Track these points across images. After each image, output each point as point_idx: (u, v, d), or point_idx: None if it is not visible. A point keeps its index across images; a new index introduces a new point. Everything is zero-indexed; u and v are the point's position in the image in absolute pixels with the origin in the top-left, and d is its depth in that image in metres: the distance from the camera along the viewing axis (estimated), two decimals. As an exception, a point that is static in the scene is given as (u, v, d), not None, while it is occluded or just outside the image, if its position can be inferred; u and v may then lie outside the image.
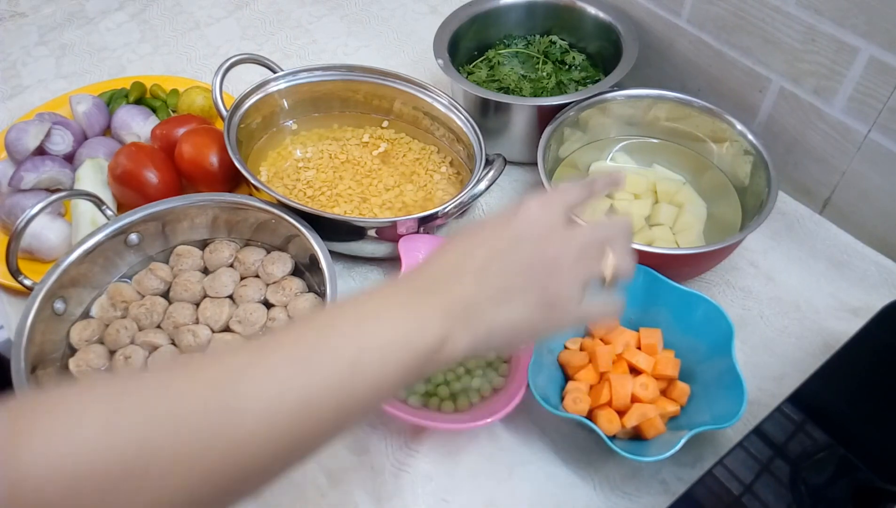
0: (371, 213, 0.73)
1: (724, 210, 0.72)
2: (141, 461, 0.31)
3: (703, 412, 0.56)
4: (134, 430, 0.31)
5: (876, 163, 0.67)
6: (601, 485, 0.56)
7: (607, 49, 0.83)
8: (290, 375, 0.35)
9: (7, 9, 1.08)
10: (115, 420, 0.31)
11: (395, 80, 0.79)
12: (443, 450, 0.58)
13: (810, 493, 0.50)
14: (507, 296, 0.41)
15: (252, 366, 0.35)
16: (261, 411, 0.34)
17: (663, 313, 0.62)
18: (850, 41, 0.64)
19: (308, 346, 0.36)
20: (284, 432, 0.34)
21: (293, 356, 0.35)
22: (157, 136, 0.78)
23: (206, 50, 1.00)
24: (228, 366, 0.35)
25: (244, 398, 0.34)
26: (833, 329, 0.65)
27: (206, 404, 0.33)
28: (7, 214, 0.73)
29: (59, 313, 0.62)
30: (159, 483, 0.31)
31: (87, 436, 0.30)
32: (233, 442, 0.33)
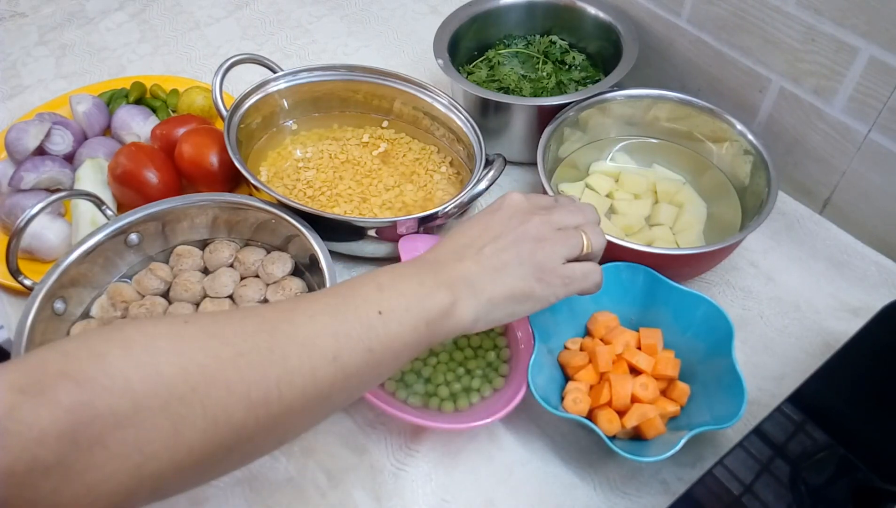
0: (371, 213, 0.73)
1: (724, 210, 0.72)
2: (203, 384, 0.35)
3: (703, 412, 0.56)
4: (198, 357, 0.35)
5: (876, 163, 0.67)
6: (601, 485, 0.56)
7: (607, 49, 0.83)
8: (325, 320, 0.40)
9: (7, 9, 1.08)
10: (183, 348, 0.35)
11: (395, 80, 0.79)
12: (443, 450, 0.58)
13: (810, 493, 0.50)
14: (502, 270, 0.48)
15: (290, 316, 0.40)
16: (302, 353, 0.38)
17: (663, 313, 0.62)
18: (850, 41, 0.64)
19: (336, 306, 0.42)
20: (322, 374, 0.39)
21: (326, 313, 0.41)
22: (157, 136, 0.78)
23: (206, 50, 1.00)
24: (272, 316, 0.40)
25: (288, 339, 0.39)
26: (833, 329, 0.65)
27: (256, 342, 0.38)
28: (7, 214, 0.73)
29: (59, 313, 0.62)
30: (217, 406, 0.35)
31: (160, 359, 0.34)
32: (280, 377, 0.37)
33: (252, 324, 0.39)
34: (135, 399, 0.33)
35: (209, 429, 0.35)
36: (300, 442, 0.59)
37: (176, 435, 0.34)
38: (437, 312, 0.45)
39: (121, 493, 0.33)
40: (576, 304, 0.62)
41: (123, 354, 0.34)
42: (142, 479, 0.33)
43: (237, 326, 0.38)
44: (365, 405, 0.60)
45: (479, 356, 0.62)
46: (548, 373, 0.59)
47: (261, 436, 0.38)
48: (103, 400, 0.32)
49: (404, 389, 0.60)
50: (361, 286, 0.44)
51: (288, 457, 0.58)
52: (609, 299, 0.63)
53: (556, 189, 0.72)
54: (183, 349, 0.35)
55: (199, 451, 0.35)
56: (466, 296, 0.46)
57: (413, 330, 0.43)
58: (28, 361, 0.33)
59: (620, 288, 0.63)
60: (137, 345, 0.35)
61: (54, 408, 0.31)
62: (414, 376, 0.61)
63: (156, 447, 0.33)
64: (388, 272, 0.46)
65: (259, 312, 0.41)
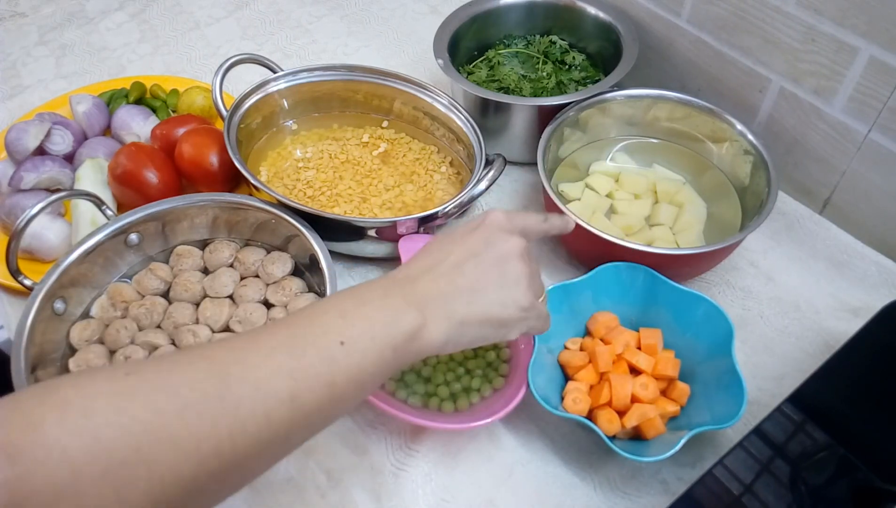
0: (371, 213, 0.73)
1: (724, 210, 0.72)
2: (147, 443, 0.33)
3: (703, 412, 0.56)
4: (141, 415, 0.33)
5: (876, 163, 0.67)
6: (601, 485, 0.56)
7: (607, 49, 0.83)
8: (280, 364, 0.37)
9: (7, 9, 1.08)
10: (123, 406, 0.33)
11: (395, 80, 0.79)
12: (443, 450, 0.58)
13: (810, 493, 0.50)
14: (480, 291, 0.45)
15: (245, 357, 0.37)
16: (255, 397, 0.36)
17: (663, 313, 0.62)
18: (850, 41, 0.64)
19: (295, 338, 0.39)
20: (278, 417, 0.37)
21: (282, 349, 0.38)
22: (157, 136, 0.78)
23: (206, 50, 1.00)
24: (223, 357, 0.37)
25: (240, 383, 0.36)
26: (833, 329, 0.65)
27: (205, 390, 0.35)
28: (7, 214, 0.73)
29: (59, 313, 0.62)
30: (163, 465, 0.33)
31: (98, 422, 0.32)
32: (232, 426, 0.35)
33: (201, 369, 0.36)
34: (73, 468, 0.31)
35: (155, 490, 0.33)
36: (300, 442, 0.58)
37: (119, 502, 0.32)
38: (405, 336, 0.42)
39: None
40: (576, 304, 0.62)
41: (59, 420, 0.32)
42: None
43: (184, 373, 0.36)
44: (365, 405, 0.60)
45: (479, 356, 0.62)
46: (548, 373, 0.59)
47: (214, 487, 0.36)
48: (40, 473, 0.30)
49: (404, 389, 0.60)
50: (323, 314, 0.41)
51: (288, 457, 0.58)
52: (609, 299, 0.63)
53: (556, 189, 0.72)
54: (124, 407, 0.33)
55: None
56: (438, 317, 0.43)
57: (378, 359, 0.41)
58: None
59: (620, 288, 0.63)
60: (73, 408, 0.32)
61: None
62: (414, 376, 0.61)
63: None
64: (352, 296, 0.43)
65: (210, 353, 0.38)
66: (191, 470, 0.34)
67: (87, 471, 0.31)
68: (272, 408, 0.36)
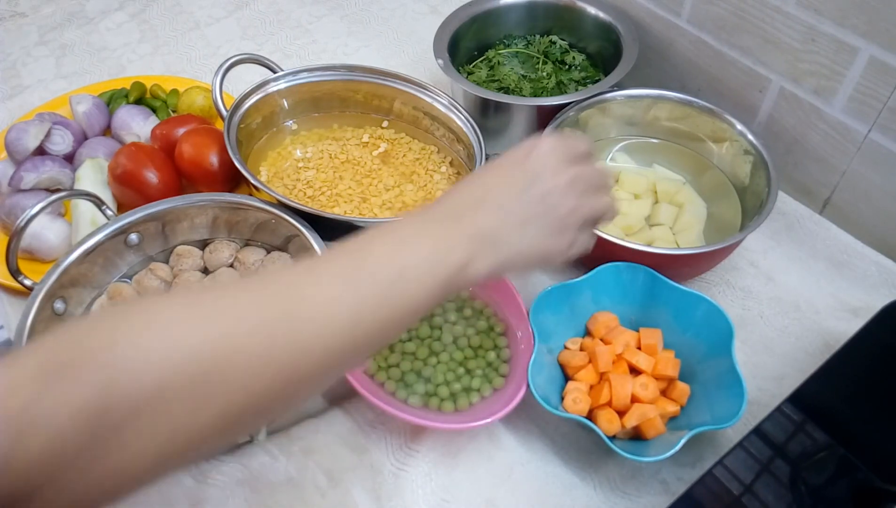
0: (371, 213, 0.73)
1: (724, 210, 0.72)
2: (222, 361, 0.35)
3: (703, 412, 0.56)
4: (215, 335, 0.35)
5: (876, 163, 0.67)
6: (601, 485, 0.56)
7: (607, 49, 0.83)
8: (339, 292, 0.40)
9: (7, 9, 1.08)
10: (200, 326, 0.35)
11: (395, 80, 0.79)
12: (443, 450, 0.58)
13: (810, 493, 0.50)
14: (525, 224, 0.45)
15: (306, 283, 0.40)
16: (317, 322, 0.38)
17: (663, 313, 0.62)
18: (850, 41, 0.64)
19: (351, 268, 0.41)
20: (338, 342, 0.39)
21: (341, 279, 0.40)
22: (157, 136, 0.78)
23: (206, 50, 1.00)
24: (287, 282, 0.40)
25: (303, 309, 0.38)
26: (833, 329, 0.65)
27: (271, 312, 0.37)
28: (7, 214, 0.73)
29: (59, 313, 0.62)
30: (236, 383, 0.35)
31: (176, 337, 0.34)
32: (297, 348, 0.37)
33: (269, 293, 0.39)
34: (158, 377, 0.33)
35: (231, 400, 0.35)
36: (300, 442, 0.59)
37: (199, 409, 0.34)
38: (455, 268, 0.43)
39: (149, 467, 0.34)
40: (576, 304, 0.62)
41: (144, 332, 0.34)
42: (169, 452, 0.34)
43: (254, 295, 0.38)
44: (365, 405, 0.60)
45: (479, 356, 0.62)
46: (548, 373, 0.59)
47: (280, 402, 0.39)
48: (127, 380, 0.32)
49: (404, 389, 0.60)
50: (380, 244, 0.43)
51: (288, 457, 0.58)
52: (609, 299, 0.63)
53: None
54: (202, 323, 0.36)
55: (222, 421, 0.35)
56: (486, 252, 0.44)
57: (430, 290, 0.42)
58: (51, 344, 0.33)
59: (620, 288, 0.63)
60: (157, 322, 0.35)
61: (80, 390, 0.31)
62: (414, 376, 0.61)
63: (182, 419, 0.34)
64: (407, 226, 0.44)
65: (276, 278, 0.40)
66: (260, 389, 0.36)
67: (170, 383, 0.33)
68: (333, 333, 0.39)
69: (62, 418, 0.30)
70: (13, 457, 0.29)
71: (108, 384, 0.32)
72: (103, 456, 0.32)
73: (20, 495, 0.30)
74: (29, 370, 0.31)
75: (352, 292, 0.40)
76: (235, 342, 0.36)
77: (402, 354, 0.62)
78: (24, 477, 0.30)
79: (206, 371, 0.34)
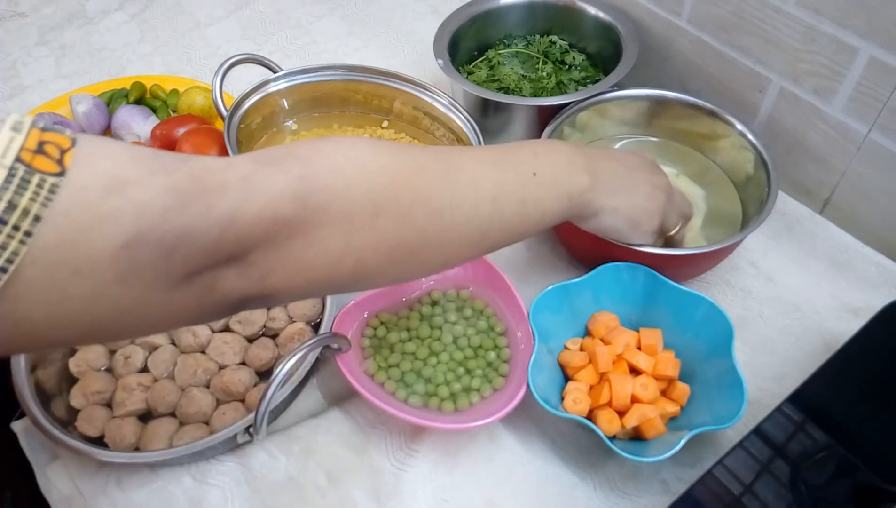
0: (371, 213, 0.73)
1: (724, 210, 0.72)
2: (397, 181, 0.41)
3: (704, 412, 0.56)
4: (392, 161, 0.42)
5: (876, 163, 0.67)
6: (601, 485, 0.56)
7: (607, 49, 0.83)
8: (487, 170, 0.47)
9: (7, 9, 1.08)
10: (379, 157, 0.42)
11: (395, 80, 0.79)
12: (443, 450, 0.58)
13: (810, 493, 0.50)
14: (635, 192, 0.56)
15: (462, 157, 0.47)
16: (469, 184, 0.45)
17: (663, 313, 0.62)
18: (850, 41, 0.64)
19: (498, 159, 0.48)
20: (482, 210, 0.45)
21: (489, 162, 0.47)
22: (157, 136, 0.78)
23: (206, 50, 1.00)
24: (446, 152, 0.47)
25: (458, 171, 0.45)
26: (833, 329, 0.65)
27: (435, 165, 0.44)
28: (7, 214, 0.73)
29: (59, 313, 0.62)
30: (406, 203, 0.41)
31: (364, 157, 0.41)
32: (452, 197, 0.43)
33: (431, 152, 0.45)
34: (347, 180, 0.39)
35: (399, 222, 0.41)
36: (300, 442, 0.59)
37: (375, 219, 0.40)
38: (580, 190, 0.51)
39: (332, 257, 0.39)
40: (576, 304, 0.62)
41: (336, 149, 0.40)
42: (348, 249, 0.39)
43: (420, 150, 0.45)
44: (365, 405, 0.60)
45: (479, 356, 0.62)
46: (548, 373, 0.59)
47: (434, 245, 0.43)
48: (323, 176, 0.38)
49: (404, 389, 0.60)
50: (520, 150, 0.50)
51: (288, 457, 0.58)
52: (609, 300, 0.63)
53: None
54: (380, 154, 0.41)
55: (391, 240, 0.41)
56: (602, 191, 0.53)
57: (557, 198, 0.50)
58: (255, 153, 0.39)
59: (620, 288, 0.63)
60: (345, 145, 0.41)
61: (287, 175, 0.37)
62: (414, 376, 0.61)
63: (361, 221, 0.39)
64: (543, 144, 0.54)
65: (435, 148, 0.47)
66: (423, 219, 0.42)
67: (356, 185, 0.39)
68: (481, 199, 0.45)
69: (273, 193, 0.36)
70: (238, 216, 0.34)
71: (308, 176, 0.37)
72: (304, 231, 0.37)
73: (240, 250, 0.36)
74: (243, 159, 0.37)
75: (497, 174, 0.47)
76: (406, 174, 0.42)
77: (402, 354, 0.62)
78: (248, 233, 0.35)
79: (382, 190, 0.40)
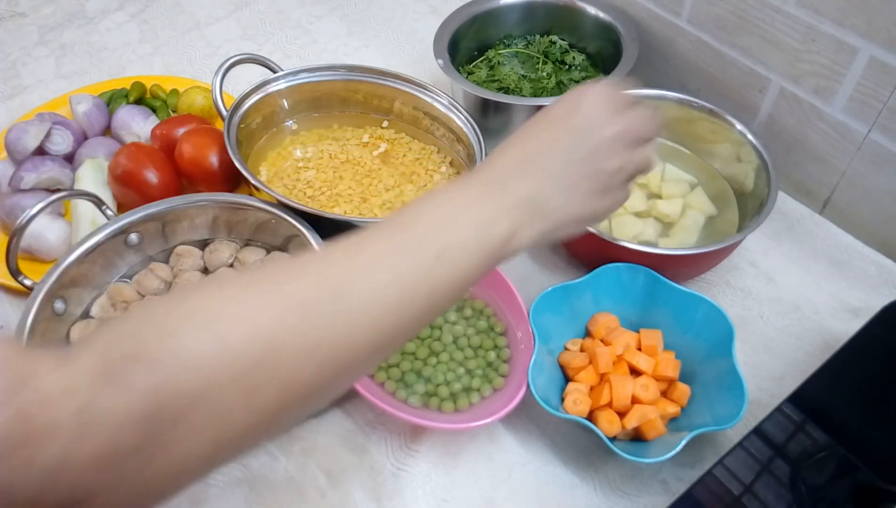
0: (371, 213, 0.73)
1: (723, 210, 0.72)
2: (271, 350, 0.35)
3: (704, 413, 0.56)
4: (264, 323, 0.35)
5: (876, 163, 0.67)
6: (601, 485, 0.56)
7: (607, 49, 0.83)
8: (385, 267, 0.39)
9: (7, 9, 1.08)
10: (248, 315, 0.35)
11: (395, 80, 0.79)
12: (443, 450, 0.58)
13: (810, 493, 0.50)
14: (572, 188, 0.44)
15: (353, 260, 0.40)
16: (364, 305, 0.38)
17: (663, 314, 0.62)
18: (850, 41, 0.64)
19: (397, 243, 0.41)
20: (385, 324, 0.39)
21: (385, 261, 0.40)
22: (157, 136, 0.78)
23: (206, 50, 1.00)
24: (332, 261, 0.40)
25: (349, 293, 0.38)
26: (833, 329, 0.65)
27: (319, 299, 0.37)
28: (7, 214, 0.73)
29: (59, 313, 0.62)
30: (286, 370, 0.35)
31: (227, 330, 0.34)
32: (345, 331, 0.37)
33: (312, 281, 0.38)
34: (207, 375, 0.33)
35: (280, 391, 0.35)
36: (300, 442, 0.59)
37: (249, 402, 0.34)
38: (500, 241, 0.42)
39: (201, 463, 0.34)
40: (576, 305, 0.62)
41: (190, 329, 0.34)
42: (220, 447, 0.34)
43: (298, 284, 0.38)
44: (365, 405, 0.60)
45: (479, 356, 0.62)
46: (548, 374, 0.59)
47: (330, 387, 0.39)
48: (177, 380, 0.32)
49: (404, 389, 0.60)
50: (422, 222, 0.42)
51: (288, 457, 0.58)
52: (609, 300, 0.63)
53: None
54: (248, 316, 0.35)
55: (273, 411, 0.36)
56: (532, 221, 0.43)
57: (472, 267, 0.42)
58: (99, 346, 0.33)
59: (621, 289, 0.63)
60: (203, 318, 0.35)
61: (131, 393, 0.31)
62: (414, 376, 0.61)
63: (231, 415, 0.34)
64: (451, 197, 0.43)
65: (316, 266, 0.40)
66: (310, 373, 0.36)
67: (219, 377, 0.33)
68: (381, 315, 0.39)
69: (116, 420, 0.31)
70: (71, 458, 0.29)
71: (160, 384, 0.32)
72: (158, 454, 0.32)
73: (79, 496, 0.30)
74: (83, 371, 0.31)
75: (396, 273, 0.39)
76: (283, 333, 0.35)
77: (402, 354, 0.62)
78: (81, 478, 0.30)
79: (256, 364, 0.34)
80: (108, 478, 0.31)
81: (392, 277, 0.39)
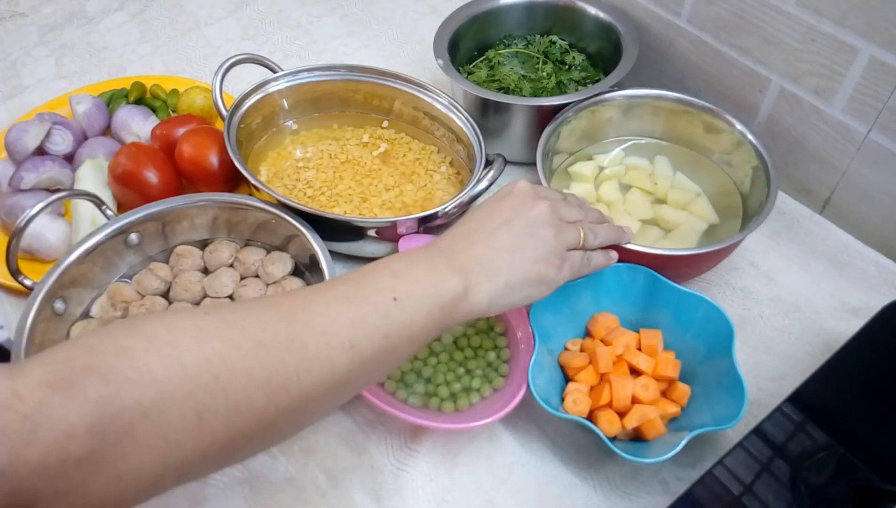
0: (371, 213, 0.73)
1: (723, 210, 0.72)
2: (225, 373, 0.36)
3: (704, 413, 0.56)
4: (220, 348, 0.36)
5: (876, 163, 0.67)
6: (601, 485, 0.56)
7: (607, 49, 0.83)
8: (343, 307, 0.41)
9: (7, 9, 1.08)
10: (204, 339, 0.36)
11: (395, 80, 0.79)
12: (443, 450, 0.58)
13: (810, 493, 0.50)
14: (514, 251, 0.49)
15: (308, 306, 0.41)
16: (320, 342, 0.39)
17: (663, 314, 0.62)
18: (850, 41, 0.64)
19: (351, 294, 0.43)
20: (339, 362, 0.40)
21: (341, 301, 0.42)
22: (157, 136, 0.78)
23: (206, 50, 1.00)
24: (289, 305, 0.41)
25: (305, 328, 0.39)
26: (833, 329, 0.65)
27: (275, 331, 0.39)
28: (7, 214, 0.73)
29: (59, 313, 0.62)
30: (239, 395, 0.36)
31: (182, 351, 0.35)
32: (299, 365, 0.38)
33: (270, 314, 0.40)
34: (159, 391, 0.33)
35: (231, 416, 0.36)
36: (300, 442, 0.59)
37: (200, 424, 0.35)
38: (451, 297, 0.45)
39: (147, 481, 0.34)
40: (576, 305, 0.62)
41: (147, 347, 0.35)
42: (167, 467, 0.34)
43: (256, 316, 0.39)
44: (365, 405, 0.60)
45: (479, 356, 0.62)
46: (548, 374, 0.59)
47: (281, 422, 0.39)
48: (129, 393, 0.33)
49: (404, 389, 0.60)
50: (376, 274, 0.45)
51: (288, 457, 0.58)
52: (609, 300, 0.63)
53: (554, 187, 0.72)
54: (204, 340, 0.36)
55: (222, 438, 0.36)
56: (481, 280, 0.47)
57: (428, 315, 0.44)
58: (54, 357, 0.33)
59: (621, 289, 0.63)
60: (160, 338, 0.35)
61: (82, 402, 0.31)
62: (414, 376, 0.61)
63: (181, 435, 0.34)
64: (401, 260, 0.47)
65: (276, 301, 0.41)
66: (262, 402, 0.37)
67: (172, 394, 0.34)
68: (335, 353, 0.40)
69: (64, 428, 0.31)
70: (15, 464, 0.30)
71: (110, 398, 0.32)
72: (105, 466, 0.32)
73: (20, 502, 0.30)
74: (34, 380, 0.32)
75: (351, 314, 0.41)
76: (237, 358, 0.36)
77: (402, 354, 0.62)
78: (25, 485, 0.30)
79: (205, 388, 0.35)
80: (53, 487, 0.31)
81: (351, 315, 0.41)
